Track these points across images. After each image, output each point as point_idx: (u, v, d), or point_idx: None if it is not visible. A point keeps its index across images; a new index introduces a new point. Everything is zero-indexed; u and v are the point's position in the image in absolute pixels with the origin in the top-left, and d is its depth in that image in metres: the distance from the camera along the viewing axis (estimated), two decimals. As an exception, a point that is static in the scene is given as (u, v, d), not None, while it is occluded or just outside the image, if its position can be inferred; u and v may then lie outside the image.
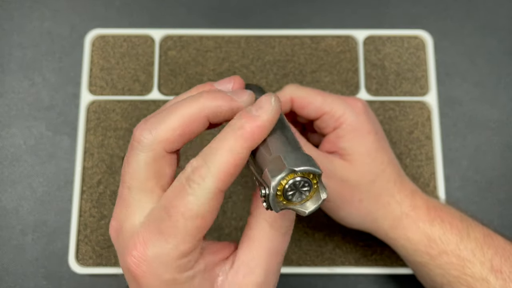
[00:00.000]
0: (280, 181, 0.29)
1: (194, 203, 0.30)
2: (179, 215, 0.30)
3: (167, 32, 0.62)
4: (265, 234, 0.33)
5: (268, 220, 0.33)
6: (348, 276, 0.57)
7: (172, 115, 0.32)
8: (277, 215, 0.33)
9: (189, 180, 0.30)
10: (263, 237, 0.33)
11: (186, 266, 0.31)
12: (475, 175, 0.59)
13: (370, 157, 0.45)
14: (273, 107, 0.31)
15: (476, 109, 0.61)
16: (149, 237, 0.31)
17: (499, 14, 0.64)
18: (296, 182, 0.29)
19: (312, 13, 0.64)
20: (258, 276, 0.33)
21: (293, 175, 0.29)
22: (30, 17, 0.63)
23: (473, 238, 0.44)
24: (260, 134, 0.31)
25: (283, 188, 0.29)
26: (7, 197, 0.58)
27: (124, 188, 0.33)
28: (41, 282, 0.56)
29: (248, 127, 0.30)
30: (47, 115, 0.60)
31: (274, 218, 0.33)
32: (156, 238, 0.30)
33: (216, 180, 0.30)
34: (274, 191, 0.29)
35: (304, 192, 0.30)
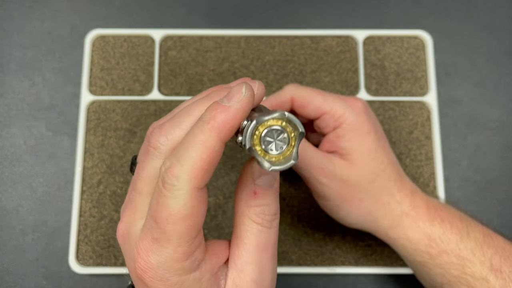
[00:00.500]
0: (265, 121, 0.29)
1: (174, 207, 0.29)
2: (164, 221, 0.29)
3: (167, 32, 0.62)
4: (250, 230, 0.33)
5: (250, 216, 0.33)
6: (348, 276, 0.57)
7: (187, 120, 0.32)
8: (258, 211, 0.33)
9: (164, 183, 0.29)
10: (248, 234, 0.33)
11: (191, 267, 0.31)
12: (475, 175, 0.59)
13: (370, 156, 0.45)
14: (245, 95, 0.30)
15: (476, 109, 0.61)
16: (148, 246, 0.31)
17: (499, 14, 0.64)
18: (278, 129, 0.29)
19: (312, 13, 0.64)
20: (250, 273, 0.33)
21: (279, 121, 0.29)
22: (30, 17, 0.63)
23: (473, 238, 0.44)
24: (231, 124, 0.29)
25: (263, 132, 0.29)
26: (7, 197, 0.58)
27: (135, 193, 0.33)
28: (41, 282, 0.56)
29: (219, 118, 0.29)
30: (47, 115, 0.60)
31: (256, 213, 0.33)
32: (154, 246, 0.30)
33: (191, 178, 0.29)
34: (257, 123, 0.29)
35: (280, 146, 0.30)
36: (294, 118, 0.29)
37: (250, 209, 0.33)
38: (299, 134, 0.30)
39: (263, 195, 0.32)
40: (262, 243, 0.33)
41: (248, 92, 0.30)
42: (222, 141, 0.30)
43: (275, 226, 0.34)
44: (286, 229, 0.57)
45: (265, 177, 0.32)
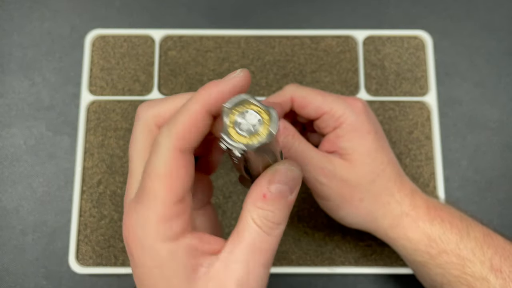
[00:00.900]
0: (234, 108, 0.30)
1: (155, 162, 0.31)
2: (146, 177, 0.31)
3: (167, 32, 0.62)
4: (248, 229, 0.32)
5: (252, 216, 0.33)
6: (348, 275, 0.57)
7: (171, 100, 0.35)
8: (261, 214, 0.33)
9: (155, 143, 0.32)
10: (246, 232, 0.33)
11: (166, 235, 0.31)
12: (474, 175, 0.59)
13: (370, 156, 0.45)
14: (237, 75, 0.32)
15: (476, 109, 0.61)
16: (133, 205, 0.32)
17: (499, 14, 0.64)
18: (250, 113, 0.30)
19: (312, 13, 0.64)
20: (236, 272, 0.32)
21: (248, 105, 0.30)
22: (30, 17, 0.63)
23: (473, 238, 0.44)
24: (217, 96, 0.31)
25: (235, 120, 0.30)
26: (7, 197, 0.58)
27: (129, 160, 0.35)
28: (41, 282, 0.56)
29: (208, 88, 0.32)
30: (47, 115, 0.60)
31: (259, 215, 0.33)
32: (137, 206, 0.31)
33: (174, 138, 0.31)
34: (229, 107, 0.30)
35: (254, 129, 0.30)
36: (259, 101, 0.30)
37: (255, 209, 0.33)
38: (271, 116, 0.30)
39: (272, 201, 0.32)
40: (257, 246, 0.33)
41: (242, 73, 0.32)
42: (208, 111, 0.32)
43: (276, 235, 0.33)
44: (286, 229, 0.57)
45: (279, 185, 0.32)
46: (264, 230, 0.32)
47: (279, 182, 0.32)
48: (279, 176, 0.33)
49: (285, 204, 0.33)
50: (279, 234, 0.33)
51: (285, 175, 0.33)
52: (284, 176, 0.33)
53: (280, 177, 0.33)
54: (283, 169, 0.33)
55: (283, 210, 0.33)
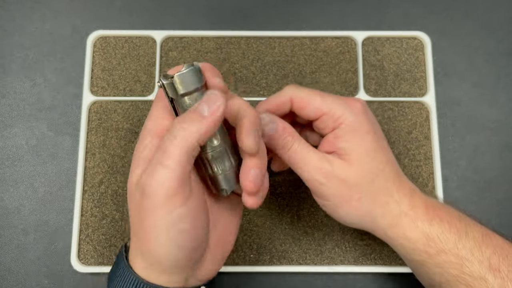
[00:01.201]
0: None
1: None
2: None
3: (168, 33, 0.62)
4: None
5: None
6: (347, 274, 0.57)
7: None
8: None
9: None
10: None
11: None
12: (473, 175, 0.60)
13: (368, 156, 0.45)
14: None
15: (475, 109, 0.61)
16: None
17: (497, 14, 0.64)
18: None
19: (311, 14, 0.64)
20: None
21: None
22: (31, 18, 0.64)
23: (472, 237, 0.44)
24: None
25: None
26: (9, 197, 0.58)
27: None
28: (43, 281, 0.57)
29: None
30: (48, 115, 0.61)
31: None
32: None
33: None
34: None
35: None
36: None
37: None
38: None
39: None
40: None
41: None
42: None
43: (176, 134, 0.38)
44: (286, 228, 0.57)
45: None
46: (172, 131, 0.37)
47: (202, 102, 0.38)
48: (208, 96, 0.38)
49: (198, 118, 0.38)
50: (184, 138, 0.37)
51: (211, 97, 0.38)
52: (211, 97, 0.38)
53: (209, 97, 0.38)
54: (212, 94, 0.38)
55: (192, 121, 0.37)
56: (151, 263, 0.39)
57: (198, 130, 0.37)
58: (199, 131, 0.37)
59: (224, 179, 0.41)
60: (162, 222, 0.37)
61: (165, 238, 0.37)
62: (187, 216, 0.37)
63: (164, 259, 0.38)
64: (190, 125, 0.37)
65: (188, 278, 0.42)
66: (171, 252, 0.38)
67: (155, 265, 0.39)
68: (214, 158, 0.40)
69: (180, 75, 0.38)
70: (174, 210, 0.37)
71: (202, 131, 0.37)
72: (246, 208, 0.57)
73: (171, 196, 0.36)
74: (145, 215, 0.38)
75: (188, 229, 0.38)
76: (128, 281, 0.40)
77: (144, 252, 0.39)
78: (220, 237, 0.44)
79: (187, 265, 0.40)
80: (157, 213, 0.37)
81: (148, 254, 0.39)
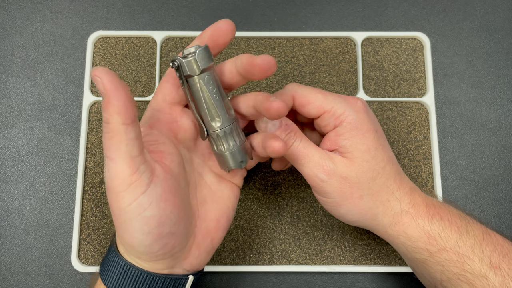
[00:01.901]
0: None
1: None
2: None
3: (168, 34, 0.63)
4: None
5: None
6: (347, 274, 0.57)
7: None
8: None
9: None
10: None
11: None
12: (472, 175, 0.60)
13: (370, 154, 0.45)
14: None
15: (474, 109, 0.62)
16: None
17: (496, 15, 0.64)
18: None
19: (311, 15, 0.64)
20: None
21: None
22: (32, 18, 0.64)
23: (472, 235, 0.44)
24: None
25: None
26: (10, 196, 0.58)
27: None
28: (44, 280, 0.57)
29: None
30: (49, 115, 0.61)
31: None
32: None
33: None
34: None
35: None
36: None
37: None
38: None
39: None
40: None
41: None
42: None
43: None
44: (286, 228, 0.58)
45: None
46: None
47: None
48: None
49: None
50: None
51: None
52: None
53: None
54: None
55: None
56: (129, 250, 0.41)
57: (114, 110, 0.36)
58: (115, 111, 0.36)
59: (230, 156, 0.43)
60: (126, 211, 0.38)
61: (132, 226, 0.39)
62: (150, 203, 0.38)
63: (136, 245, 0.40)
64: (107, 110, 0.36)
65: (173, 266, 0.43)
66: (140, 238, 0.39)
67: (132, 251, 0.41)
68: (218, 137, 0.42)
69: (201, 50, 0.39)
70: (134, 200, 0.38)
71: (116, 110, 0.36)
72: (245, 207, 0.58)
73: (127, 186, 0.37)
74: (112, 206, 0.39)
75: (154, 215, 0.39)
76: (116, 265, 0.42)
77: (121, 240, 0.41)
78: (210, 229, 0.45)
79: (165, 252, 0.41)
80: (119, 204, 0.38)
81: (124, 242, 0.40)
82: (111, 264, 0.42)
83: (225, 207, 0.46)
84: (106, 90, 0.36)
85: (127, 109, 0.36)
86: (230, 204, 0.47)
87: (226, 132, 0.42)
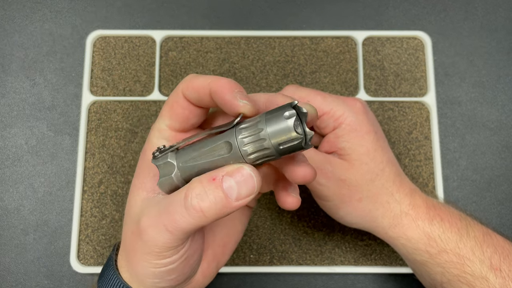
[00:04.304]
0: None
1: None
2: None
3: (168, 33, 0.62)
4: (180, 192, 0.34)
5: (191, 185, 0.33)
6: (347, 275, 0.57)
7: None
8: (198, 189, 0.33)
9: None
10: (177, 193, 0.34)
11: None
12: (473, 175, 0.60)
13: (369, 156, 0.45)
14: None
15: (475, 109, 0.61)
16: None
17: (497, 14, 0.64)
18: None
19: (311, 14, 0.64)
20: (144, 213, 0.35)
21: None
22: (31, 18, 0.64)
23: (473, 237, 0.44)
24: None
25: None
26: (9, 197, 0.58)
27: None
28: (43, 281, 0.56)
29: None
30: (48, 115, 0.61)
31: (195, 187, 0.33)
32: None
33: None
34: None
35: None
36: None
37: (198, 182, 0.33)
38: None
39: (214, 187, 0.33)
40: (170, 208, 0.33)
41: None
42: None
43: (191, 215, 0.33)
44: (286, 228, 0.57)
45: (232, 183, 0.32)
46: (185, 203, 0.33)
47: (235, 179, 0.32)
48: (241, 175, 0.32)
49: (221, 200, 0.32)
50: (197, 220, 0.33)
51: (246, 178, 0.32)
52: (245, 179, 0.32)
53: (241, 177, 0.32)
54: (248, 174, 0.32)
55: (216, 203, 0.32)
56: (136, 281, 0.38)
57: (216, 214, 0.33)
58: (216, 215, 0.33)
59: None
60: (151, 265, 0.36)
61: (152, 275, 0.36)
62: (176, 264, 0.36)
63: (145, 281, 0.37)
64: (211, 206, 0.32)
65: None
66: (156, 284, 0.37)
67: (140, 284, 0.38)
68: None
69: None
70: (163, 260, 0.35)
71: (220, 215, 0.33)
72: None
73: (165, 251, 0.35)
74: (135, 251, 0.36)
75: (176, 272, 0.37)
76: (115, 285, 0.39)
77: (130, 271, 0.38)
78: (216, 255, 0.43)
79: (171, 286, 0.39)
80: (146, 258, 0.35)
81: (135, 275, 0.38)
82: (109, 283, 0.39)
83: (235, 231, 0.43)
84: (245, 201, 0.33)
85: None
86: (240, 227, 0.43)
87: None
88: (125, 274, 0.38)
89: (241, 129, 0.31)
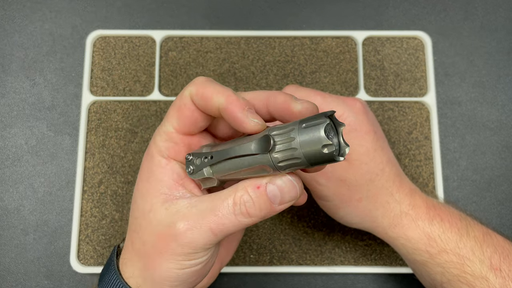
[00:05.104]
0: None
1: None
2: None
3: (168, 33, 0.62)
4: (225, 199, 0.35)
5: (236, 193, 0.34)
6: (347, 275, 0.57)
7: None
8: (244, 197, 0.34)
9: None
10: (221, 199, 0.35)
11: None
12: (473, 175, 0.60)
13: (368, 156, 0.45)
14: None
15: (475, 109, 0.61)
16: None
17: (498, 14, 0.64)
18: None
19: (311, 14, 0.64)
20: (185, 217, 0.35)
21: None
22: (31, 18, 0.64)
23: (473, 237, 0.44)
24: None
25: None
26: (9, 197, 0.58)
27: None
28: (43, 281, 0.56)
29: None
30: (48, 115, 0.61)
31: (242, 195, 0.34)
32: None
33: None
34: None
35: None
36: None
37: (243, 190, 0.34)
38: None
39: (259, 195, 0.34)
40: (217, 213, 0.34)
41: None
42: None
43: (240, 221, 0.34)
44: (286, 228, 0.57)
45: (276, 190, 0.34)
46: (234, 209, 0.34)
47: (277, 187, 0.33)
48: (283, 183, 0.34)
49: (266, 206, 0.34)
50: (243, 223, 0.34)
51: (288, 186, 0.34)
52: (287, 186, 0.34)
53: (283, 184, 0.34)
54: (290, 181, 0.34)
55: (261, 209, 0.34)
56: (148, 284, 0.38)
57: (261, 218, 0.35)
58: (261, 219, 0.35)
59: None
60: (178, 266, 0.36)
61: (174, 278, 0.37)
62: (201, 265, 0.37)
63: (160, 283, 0.37)
64: (256, 212, 0.34)
65: None
66: (175, 286, 0.37)
67: (151, 285, 0.38)
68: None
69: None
70: (192, 261, 0.36)
71: (263, 218, 0.35)
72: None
73: (199, 251, 0.36)
74: (162, 253, 0.36)
75: (197, 274, 0.37)
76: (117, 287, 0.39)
77: (145, 276, 0.37)
78: (221, 256, 0.44)
79: None
80: (176, 258, 0.36)
81: (151, 281, 0.37)
82: (110, 284, 0.39)
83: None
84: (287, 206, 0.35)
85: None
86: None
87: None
88: (132, 281, 0.38)
89: (272, 136, 0.31)
